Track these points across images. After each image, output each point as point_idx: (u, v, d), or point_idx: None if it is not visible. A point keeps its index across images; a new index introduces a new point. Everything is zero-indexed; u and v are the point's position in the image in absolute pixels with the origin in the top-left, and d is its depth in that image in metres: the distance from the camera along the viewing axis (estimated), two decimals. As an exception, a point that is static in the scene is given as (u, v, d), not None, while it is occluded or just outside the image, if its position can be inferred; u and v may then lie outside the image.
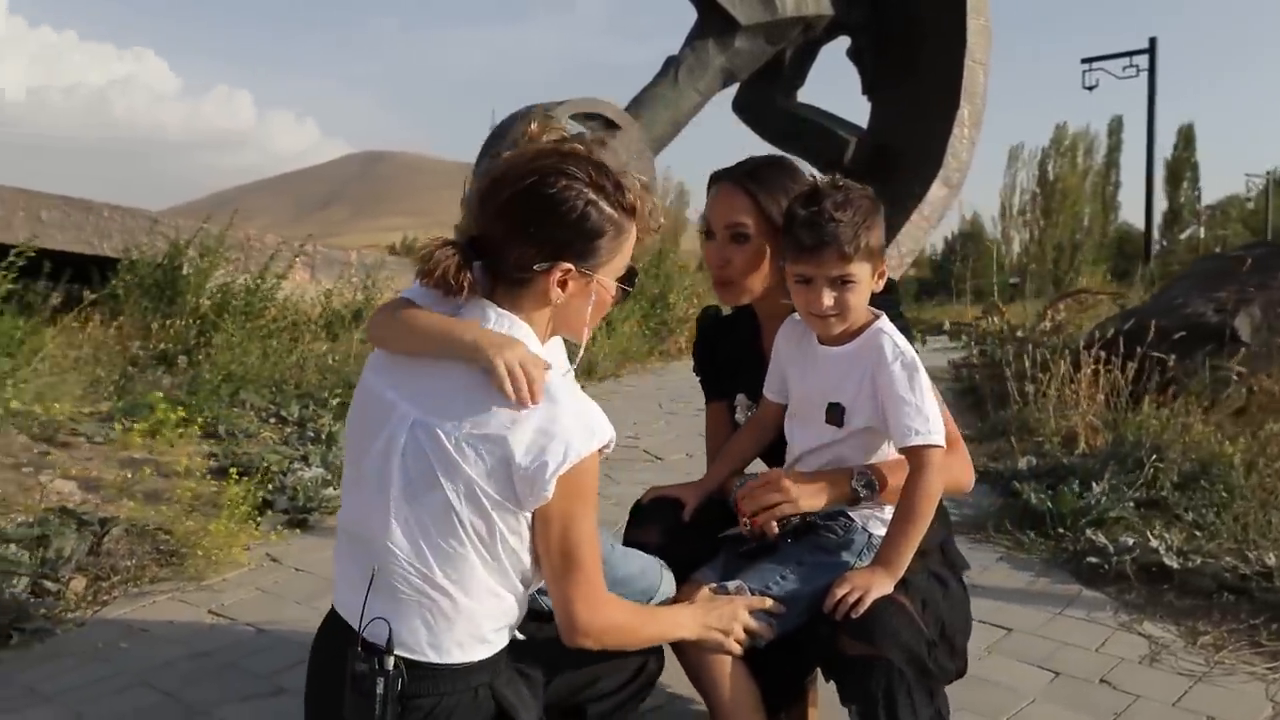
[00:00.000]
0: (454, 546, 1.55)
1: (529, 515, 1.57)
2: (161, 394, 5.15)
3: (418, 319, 1.64)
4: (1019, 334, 6.33)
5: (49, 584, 3.23)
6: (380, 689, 1.54)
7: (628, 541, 2.17)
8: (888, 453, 2.04)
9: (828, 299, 1.91)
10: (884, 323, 2.00)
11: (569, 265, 1.62)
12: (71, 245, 10.44)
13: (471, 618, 1.59)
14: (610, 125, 16.70)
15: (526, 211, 1.60)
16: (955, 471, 2.10)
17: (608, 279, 1.69)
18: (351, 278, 11.20)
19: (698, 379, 2.50)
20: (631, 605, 1.79)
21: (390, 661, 1.55)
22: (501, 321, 1.63)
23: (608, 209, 1.64)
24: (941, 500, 2.29)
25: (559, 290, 1.63)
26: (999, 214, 43.02)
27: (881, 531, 2.00)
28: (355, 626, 1.59)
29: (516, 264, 1.62)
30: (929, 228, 19.41)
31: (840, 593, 1.84)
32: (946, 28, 18.58)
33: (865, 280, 1.93)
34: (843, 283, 1.90)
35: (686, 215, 58.63)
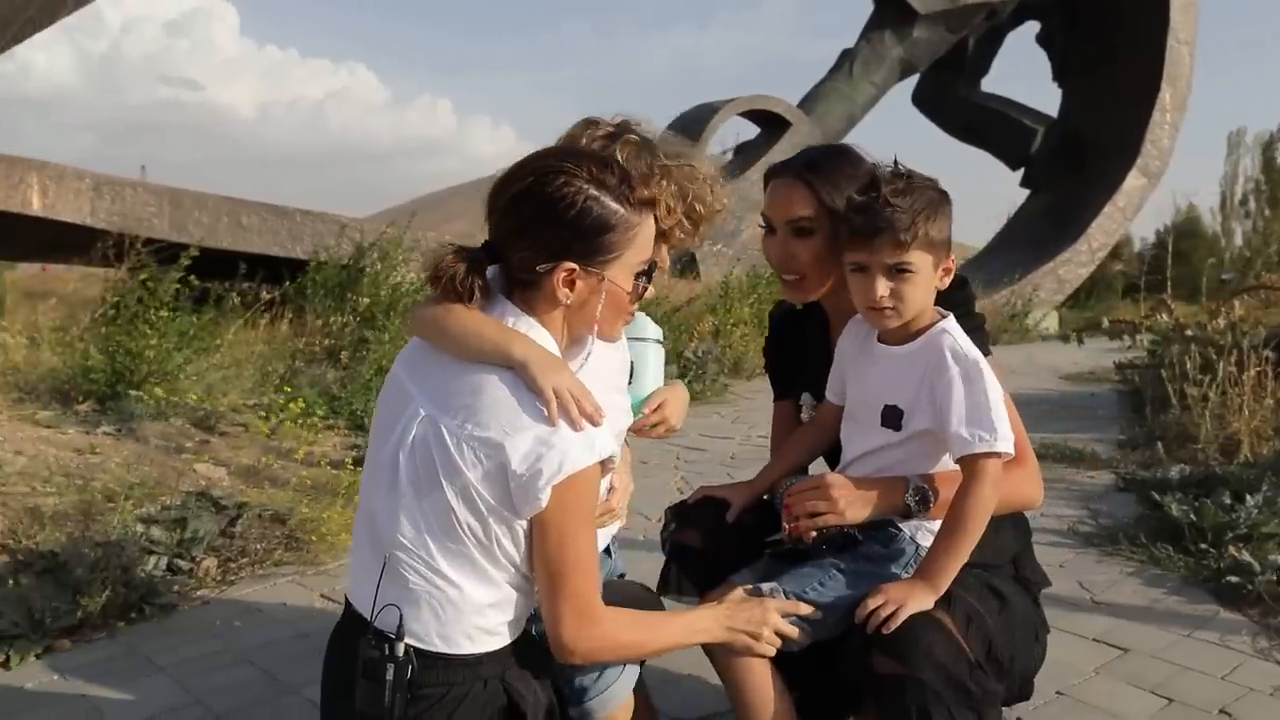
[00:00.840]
0: (454, 544, 1.56)
1: (525, 523, 1.56)
2: (312, 389, 5.44)
3: (470, 320, 1.62)
4: (1188, 332, 5.83)
5: (182, 563, 3.47)
6: (390, 675, 1.56)
7: (671, 543, 2.13)
8: (947, 461, 1.91)
9: (882, 288, 1.81)
10: (949, 323, 1.88)
11: (572, 265, 1.60)
12: (268, 248, 11.23)
13: (479, 611, 1.60)
14: (780, 122, 16.56)
15: (526, 212, 1.60)
16: (1025, 487, 1.96)
17: (621, 275, 1.65)
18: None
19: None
20: (636, 618, 1.73)
21: (400, 648, 1.57)
22: (519, 323, 1.62)
23: (611, 203, 1.60)
24: (1023, 511, 2.15)
25: (566, 290, 1.61)
26: (1218, 205, 39.88)
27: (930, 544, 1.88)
28: (367, 616, 1.63)
29: (521, 266, 1.62)
30: (1124, 220, 18.32)
31: (873, 605, 1.74)
32: (1147, 6, 17.44)
33: (925, 272, 1.82)
34: (898, 271, 1.80)
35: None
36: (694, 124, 15.67)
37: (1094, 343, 12.26)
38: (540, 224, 1.59)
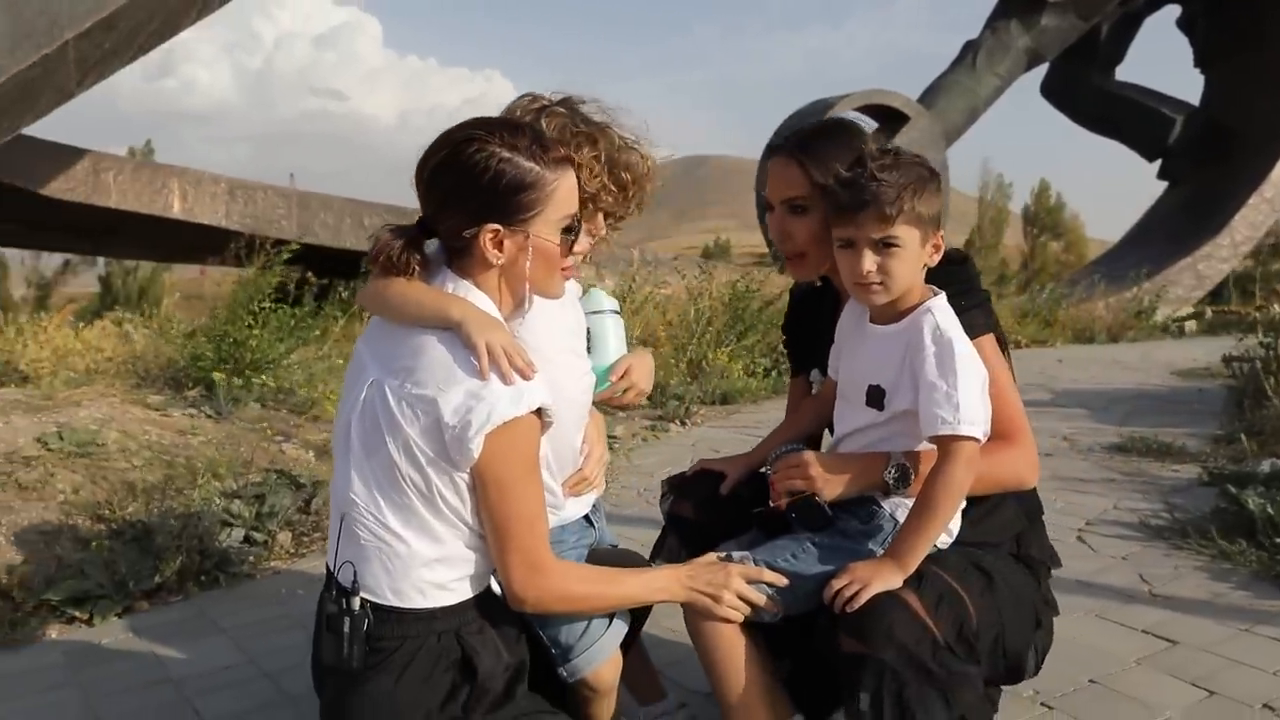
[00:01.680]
0: (400, 498, 1.64)
1: (466, 476, 1.62)
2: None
3: (410, 290, 1.72)
4: (1294, 324, 5.49)
5: (258, 535, 3.68)
6: (347, 628, 1.66)
7: (667, 514, 2.16)
8: None
9: (869, 263, 1.81)
10: (936, 302, 1.85)
11: (495, 226, 1.66)
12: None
13: (428, 565, 1.67)
14: (899, 117, 16.23)
15: (444, 182, 1.67)
16: (1016, 466, 1.92)
17: (546, 231, 1.70)
18: (635, 274, 11.57)
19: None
20: (590, 572, 1.79)
21: (356, 603, 1.66)
22: (458, 288, 1.70)
23: (525, 162, 1.65)
24: (1036, 487, 2.10)
25: (496, 251, 1.68)
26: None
27: None
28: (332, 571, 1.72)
29: (450, 234, 1.70)
30: (1271, 212, 17.25)
31: (838, 585, 1.74)
32: (1299, -15, 16.39)
33: (912, 247, 1.80)
34: (885, 246, 1.80)
35: (1008, 207, 55.67)
36: (807, 121, 15.53)
37: (1218, 340, 11.73)
38: (460, 192, 1.66)
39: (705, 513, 2.11)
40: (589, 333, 2.02)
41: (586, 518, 2.03)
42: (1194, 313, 14.08)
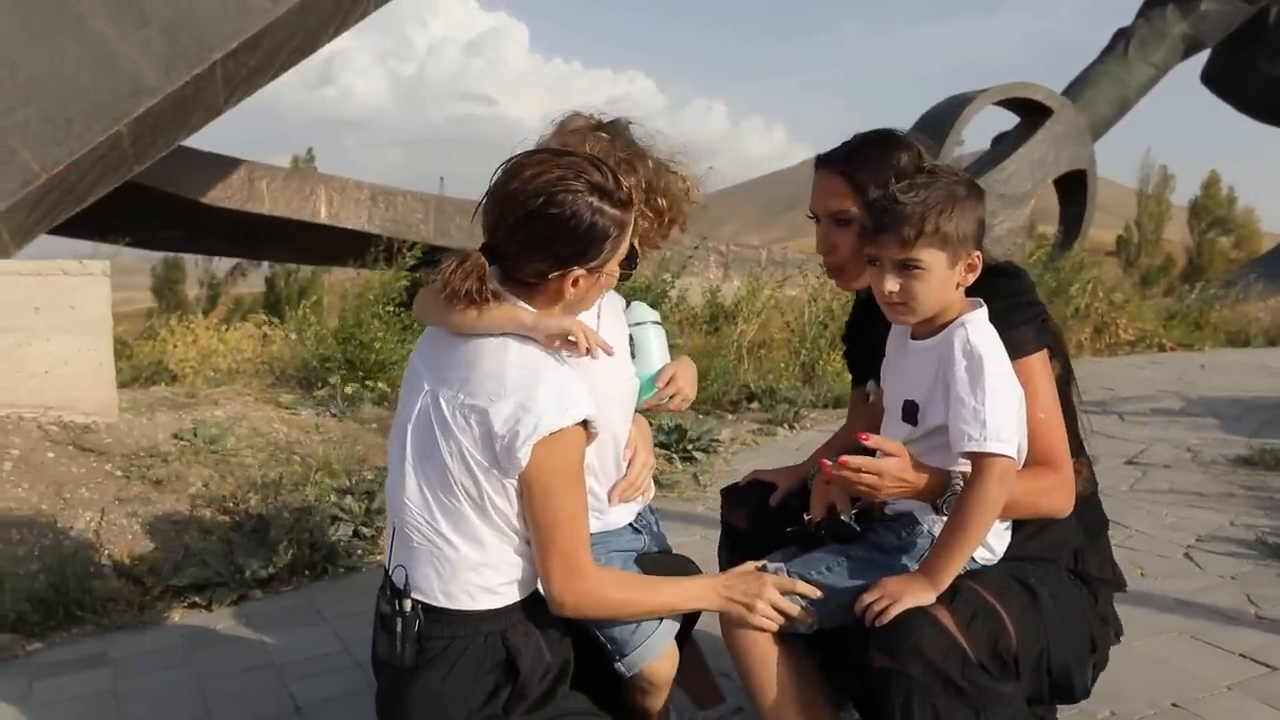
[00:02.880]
0: (451, 502, 1.74)
1: (515, 483, 1.71)
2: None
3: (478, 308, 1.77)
4: None
5: (366, 530, 3.89)
6: (399, 628, 1.77)
7: (722, 523, 2.20)
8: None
9: (891, 284, 1.81)
10: (973, 316, 1.83)
11: (580, 271, 1.74)
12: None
13: (476, 569, 1.76)
14: (1043, 111, 15.63)
15: (537, 232, 1.71)
16: (1052, 497, 1.85)
17: (614, 265, 1.79)
18: (761, 275, 11.53)
19: None
20: (628, 579, 1.85)
21: (408, 604, 1.77)
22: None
23: (610, 210, 1.72)
24: (1099, 502, 2.05)
25: (572, 289, 1.76)
26: None
27: None
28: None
29: (532, 274, 1.76)
30: None
31: (869, 599, 1.75)
32: None
33: (937, 270, 1.79)
34: (905, 267, 1.79)
35: (1169, 200, 52.73)
36: (945, 116, 15.11)
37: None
38: (553, 240, 1.71)
39: (755, 523, 2.15)
40: (632, 342, 2.08)
41: (633, 525, 2.08)
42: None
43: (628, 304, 2.16)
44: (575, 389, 1.71)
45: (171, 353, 6.47)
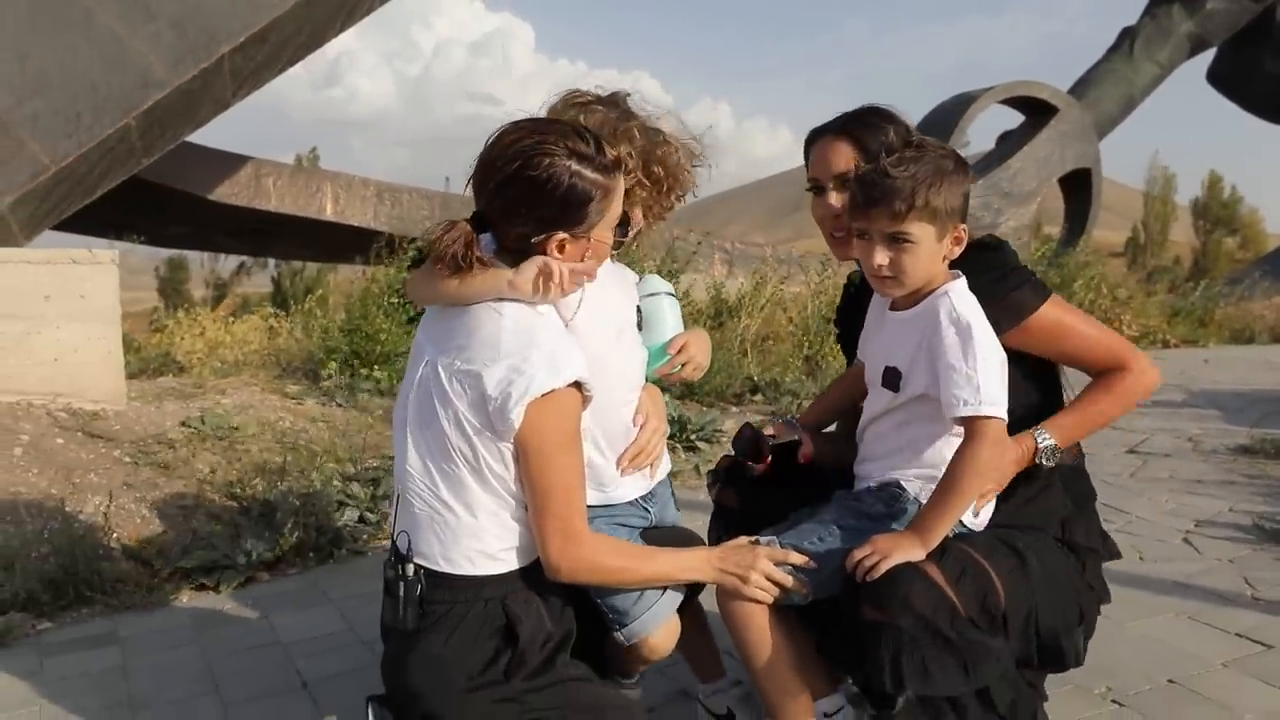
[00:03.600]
0: (450, 468, 1.77)
1: (510, 446, 1.74)
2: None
3: (464, 276, 1.81)
4: None
5: (371, 515, 3.92)
6: (402, 592, 1.80)
7: (714, 502, 2.23)
8: (948, 428, 1.90)
9: (880, 257, 1.84)
10: (954, 285, 1.87)
11: (563, 235, 1.76)
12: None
13: (476, 535, 1.79)
14: (1048, 109, 15.65)
15: (516, 195, 1.73)
16: (1141, 380, 1.97)
17: (603, 231, 1.80)
18: (768, 272, 11.51)
19: None
20: (623, 546, 1.87)
21: (410, 569, 1.80)
22: None
23: (591, 174, 1.72)
24: (1087, 474, 2.08)
25: (557, 253, 1.77)
26: None
27: None
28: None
29: (515, 239, 1.78)
30: None
31: (860, 555, 1.78)
32: None
33: (926, 242, 1.82)
34: (895, 240, 1.82)
35: (1174, 200, 52.66)
36: (951, 115, 15.14)
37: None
38: (531, 203, 1.73)
39: (747, 501, 2.17)
40: (640, 313, 2.09)
41: (643, 504, 2.07)
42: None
43: (640, 277, 2.18)
44: (568, 352, 1.73)
45: (179, 345, 6.52)
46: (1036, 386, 2.02)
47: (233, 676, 2.72)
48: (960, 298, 1.84)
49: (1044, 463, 1.93)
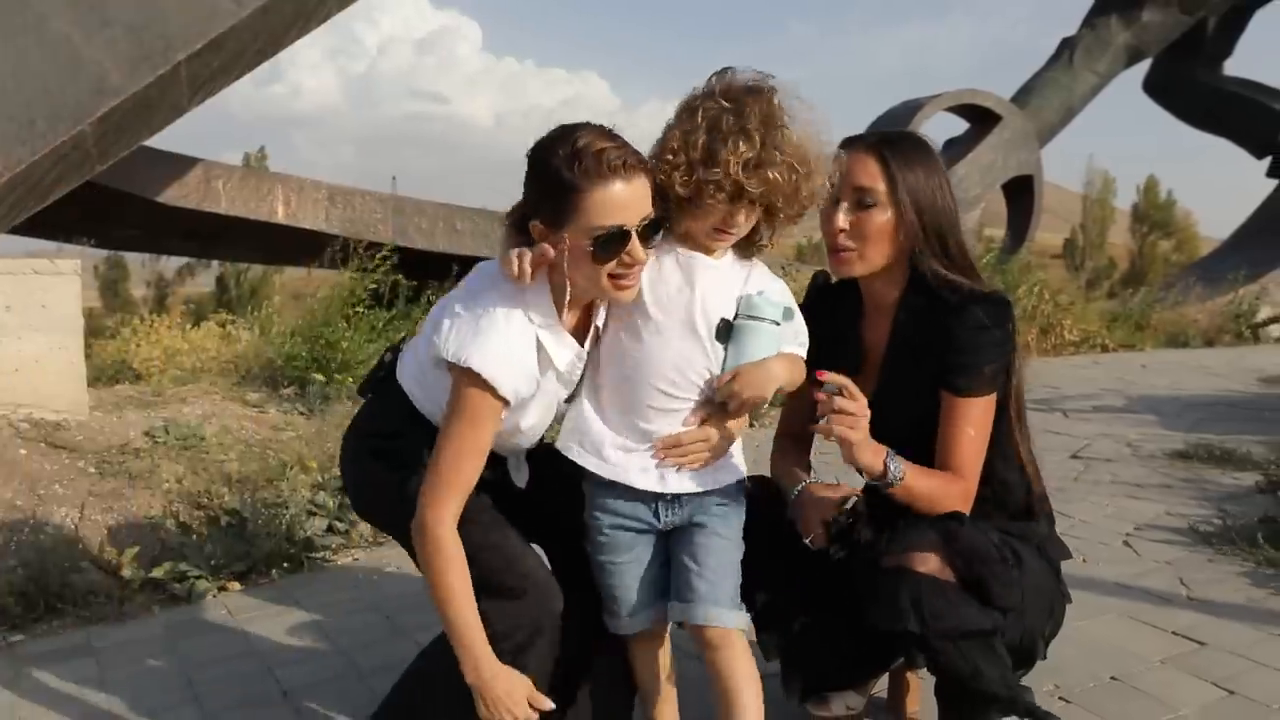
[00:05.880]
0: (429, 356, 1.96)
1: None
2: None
3: None
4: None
5: (340, 525, 3.97)
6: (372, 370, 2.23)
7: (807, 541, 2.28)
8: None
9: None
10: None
11: (538, 223, 1.81)
12: (479, 250, 12.05)
13: (420, 383, 2.03)
14: (991, 117, 15.99)
15: (527, 170, 1.85)
16: (952, 499, 2.01)
17: (577, 238, 1.76)
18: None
19: None
20: (458, 567, 1.82)
21: (388, 357, 2.19)
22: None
23: (564, 173, 1.74)
24: (1049, 507, 2.20)
25: (536, 237, 1.83)
26: None
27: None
28: None
29: (520, 213, 1.89)
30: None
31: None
32: None
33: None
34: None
35: (1113, 204, 53.82)
36: (899, 120, 15.37)
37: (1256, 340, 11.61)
38: (528, 182, 1.85)
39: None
40: (731, 330, 1.94)
41: (653, 505, 1.97)
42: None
43: (759, 292, 1.95)
44: (501, 352, 1.78)
45: (135, 352, 6.47)
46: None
47: (212, 687, 2.77)
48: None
49: (877, 485, 1.97)
